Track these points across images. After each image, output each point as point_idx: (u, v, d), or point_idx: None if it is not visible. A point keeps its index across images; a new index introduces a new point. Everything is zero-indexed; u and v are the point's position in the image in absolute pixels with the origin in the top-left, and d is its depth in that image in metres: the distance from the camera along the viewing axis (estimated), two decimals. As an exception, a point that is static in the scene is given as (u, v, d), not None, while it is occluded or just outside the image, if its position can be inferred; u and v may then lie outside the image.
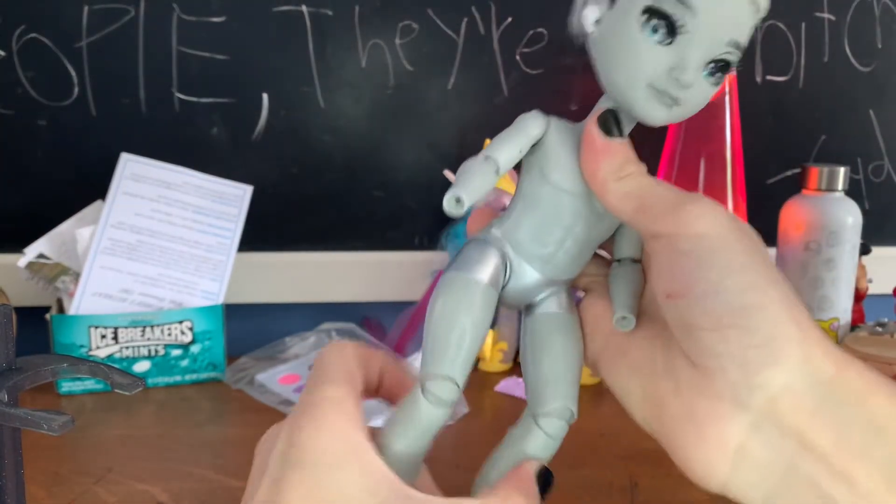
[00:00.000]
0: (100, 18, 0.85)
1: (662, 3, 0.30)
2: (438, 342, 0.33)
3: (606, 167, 0.33)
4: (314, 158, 0.91)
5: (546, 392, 0.35)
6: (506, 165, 0.35)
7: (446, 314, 0.33)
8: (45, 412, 0.35)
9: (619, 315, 0.35)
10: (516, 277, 0.35)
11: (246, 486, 0.32)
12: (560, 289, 0.37)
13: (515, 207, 0.36)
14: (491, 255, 0.35)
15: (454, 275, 0.34)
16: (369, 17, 0.88)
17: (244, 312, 0.91)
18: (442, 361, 0.32)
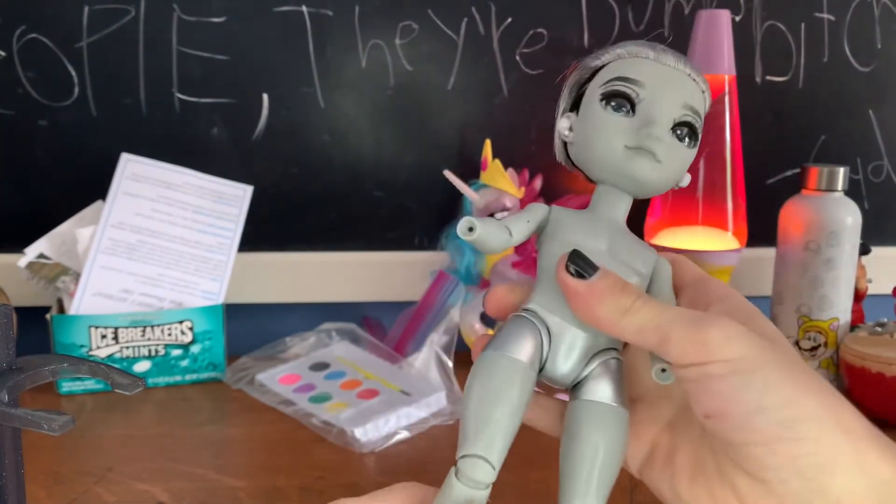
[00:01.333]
0: (100, 18, 0.85)
1: (614, 86, 0.35)
2: (475, 424, 0.33)
3: (604, 310, 0.32)
4: (314, 158, 0.91)
5: (570, 486, 0.34)
6: (517, 230, 0.36)
7: (484, 397, 0.33)
8: (46, 412, 0.36)
9: (659, 366, 0.33)
10: (560, 344, 0.35)
11: None
12: (607, 365, 0.35)
13: (540, 280, 0.36)
14: (529, 329, 0.35)
15: (492, 354, 0.34)
16: (369, 17, 0.88)
17: (244, 312, 0.91)
18: (476, 443, 0.32)
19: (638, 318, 0.32)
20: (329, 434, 0.70)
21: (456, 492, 0.32)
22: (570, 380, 0.35)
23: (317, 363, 0.82)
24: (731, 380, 0.30)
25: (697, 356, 0.31)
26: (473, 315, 0.85)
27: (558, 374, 0.35)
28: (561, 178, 0.91)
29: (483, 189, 0.84)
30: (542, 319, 0.35)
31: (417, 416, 0.73)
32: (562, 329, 0.35)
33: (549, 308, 0.35)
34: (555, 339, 0.35)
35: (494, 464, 0.32)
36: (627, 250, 0.36)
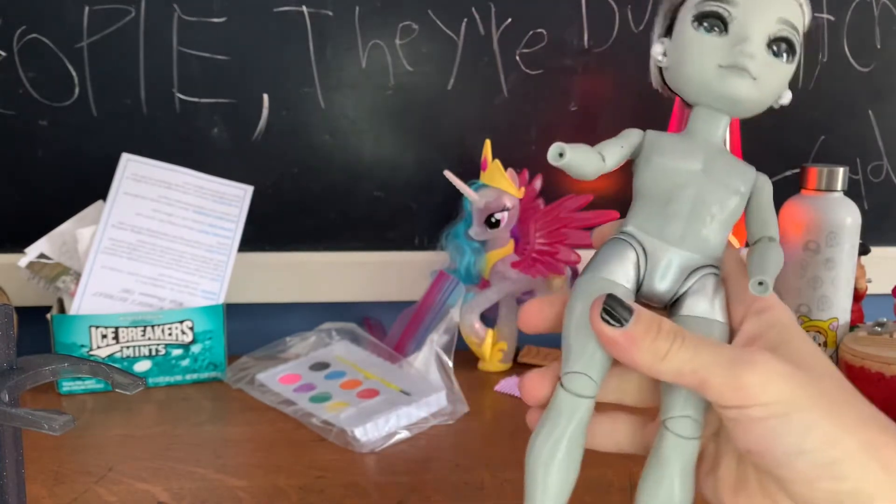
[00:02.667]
0: (100, 18, 0.85)
1: (706, 7, 0.35)
2: (576, 343, 0.35)
3: (641, 357, 0.33)
4: (314, 158, 0.91)
5: (673, 399, 0.35)
6: (610, 155, 0.36)
7: (584, 317, 0.34)
8: (46, 412, 0.36)
9: (756, 279, 0.33)
10: (657, 264, 0.36)
11: None
12: (706, 279, 0.36)
13: (636, 204, 0.37)
14: (625, 250, 0.36)
15: (589, 277, 0.36)
16: (369, 17, 0.88)
17: (244, 312, 0.91)
18: (578, 360, 0.34)
19: (675, 364, 0.32)
20: (329, 434, 0.70)
21: (562, 400, 0.35)
22: (668, 297, 0.36)
23: (317, 363, 0.82)
24: (769, 423, 0.31)
25: (736, 400, 0.31)
26: (473, 315, 0.85)
27: (656, 292, 0.36)
28: (561, 178, 0.91)
29: (483, 189, 0.84)
30: (638, 241, 0.36)
31: (417, 415, 0.73)
32: (658, 249, 0.36)
33: (645, 229, 0.36)
34: (651, 259, 0.36)
35: (596, 378, 0.35)
36: (724, 169, 0.36)
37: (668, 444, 0.35)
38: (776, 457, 0.31)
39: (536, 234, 0.84)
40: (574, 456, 0.35)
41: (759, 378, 0.31)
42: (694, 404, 0.35)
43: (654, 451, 0.36)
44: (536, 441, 0.35)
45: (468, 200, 0.84)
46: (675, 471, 0.35)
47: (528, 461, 0.35)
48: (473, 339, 0.85)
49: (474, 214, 0.84)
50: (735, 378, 0.31)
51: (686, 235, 0.36)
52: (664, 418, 0.35)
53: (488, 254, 0.85)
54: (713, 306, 0.36)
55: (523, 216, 0.85)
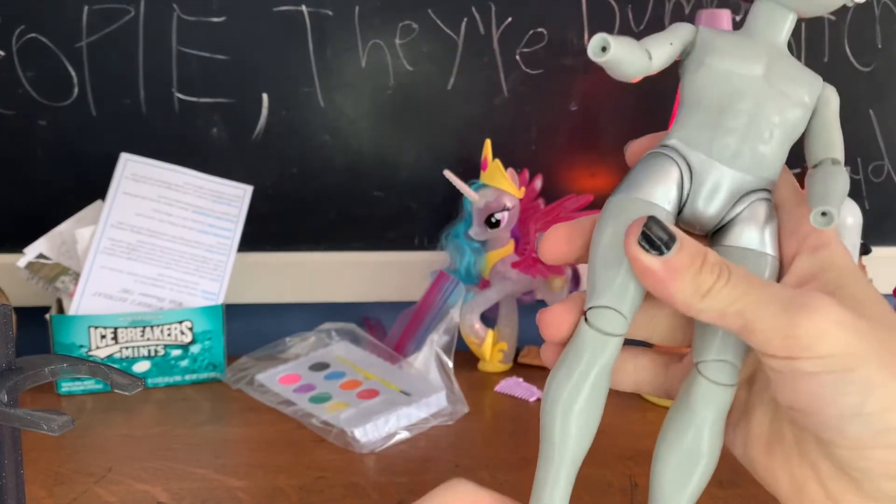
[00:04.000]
0: (100, 18, 0.85)
1: None
2: (604, 273, 0.30)
3: (680, 292, 0.28)
4: (314, 158, 0.91)
5: (708, 340, 0.31)
6: (657, 53, 0.31)
7: (615, 243, 0.30)
8: (45, 412, 0.35)
9: (819, 209, 0.29)
10: (702, 184, 0.31)
11: None
12: (758, 205, 0.31)
13: (682, 114, 0.32)
14: (667, 166, 0.31)
15: (623, 198, 0.31)
16: (369, 17, 0.88)
17: (244, 312, 0.91)
18: (605, 293, 0.30)
19: (718, 302, 0.28)
20: (329, 434, 0.70)
21: (586, 337, 0.30)
22: (714, 223, 0.32)
23: (317, 363, 0.82)
24: (824, 379, 0.27)
25: (786, 350, 0.27)
26: (473, 315, 0.85)
27: (700, 217, 0.31)
28: (561, 178, 0.91)
29: (483, 189, 0.84)
30: (682, 156, 0.31)
31: (417, 416, 0.73)
32: (706, 167, 0.31)
33: (692, 143, 0.31)
34: (697, 178, 0.31)
35: (626, 314, 0.30)
36: (788, 76, 0.31)
37: (700, 390, 0.31)
38: (826, 418, 0.27)
39: (536, 234, 0.84)
40: (597, 402, 0.31)
41: (816, 326, 0.26)
42: (733, 347, 0.31)
43: (683, 395, 0.32)
44: (554, 383, 0.31)
45: (468, 200, 0.84)
46: (706, 420, 0.31)
47: (545, 406, 0.31)
48: (473, 340, 0.85)
49: (474, 214, 0.84)
50: (788, 324, 0.27)
51: (740, 152, 0.31)
52: (697, 361, 0.31)
53: (488, 254, 0.85)
54: (764, 237, 0.31)
55: (523, 216, 0.85)
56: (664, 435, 0.32)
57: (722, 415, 0.31)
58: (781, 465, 0.31)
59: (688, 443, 0.31)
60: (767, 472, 0.31)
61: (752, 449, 0.32)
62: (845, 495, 0.29)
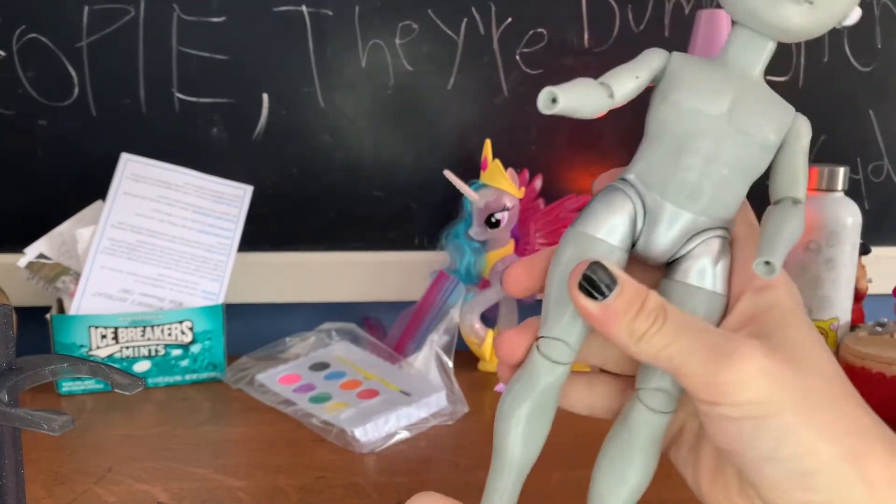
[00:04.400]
0: (100, 18, 0.85)
1: None
2: (555, 306, 0.32)
3: (616, 333, 0.30)
4: (314, 158, 0.91)
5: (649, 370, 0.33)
6: (620, 90, 0.31)
7: (565, 278, 0.31)
8: (46, 412, 0.36)
9: (762, 259, 0.29)
10: (656, 223, 0.31)
11: None
12: (711, 243, 0.32)
13: (643, 146, 0.32)
14: (621, 204, 0.31)
15: (577, 233, 0.32)
16: (369, 17, 0.88)
17: (244, 312, 0.91)
18: (556, 326, 0.32)
19: (650, 347, 0.30)
20: (329, 434, 0.70)
21: (536, 363, 0.32)
22: (666, 258, 0.32)
23: (317, 363, 0.82)
24: (742, 424, 0.28)
25: (709, 395, 0.29)
26: (473, 315, 0.85)
27: (652, 251, 0.32)
28: (561, 178, 0.91)
29: (483, 189, 0.84)
30: (638, 193, 0.31)
31: (417, 416, 0.73)
32: (660, 207, 0.31)
33: (648, 180, 0.31)
34: (651, 216, 0.31)
35: (573, 345, 0.32)
36: (755, 113, 0.30)
37: (638, 415, 0.33)
38: (747, 460, 0.29)
39: (536, 234, 0.84)
40: (544, 420, 0.33)
41: (736, 375, 0.28)
42: (671, 379, 0.32)
43: (622, 417, 0.34)
44: (506, 401, 0.33)
45: (468, 200, 0.84)
46: (639, 441, 0.33)
47: (498, 421, 0.33)
48: (473, 340, 0.85)
49: (474, 214, 0.84)
50: (711, 371, 0.28)
51: (696, 192, 0.31)
52: (638, 387, 0.33)
53: (488, 254, 0.85)
54: (714, 275, 0.32)
55: (523, 216, 0.85)
56: (602, 454, 0.34)
57: (656, 438, 0.33)
58: (723, 498, 0.32)
59: (621, 464, 0.33)
60: (712, 502, 0.33)
61: (699, 478, 0.34)
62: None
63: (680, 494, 0.62)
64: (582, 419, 0.37)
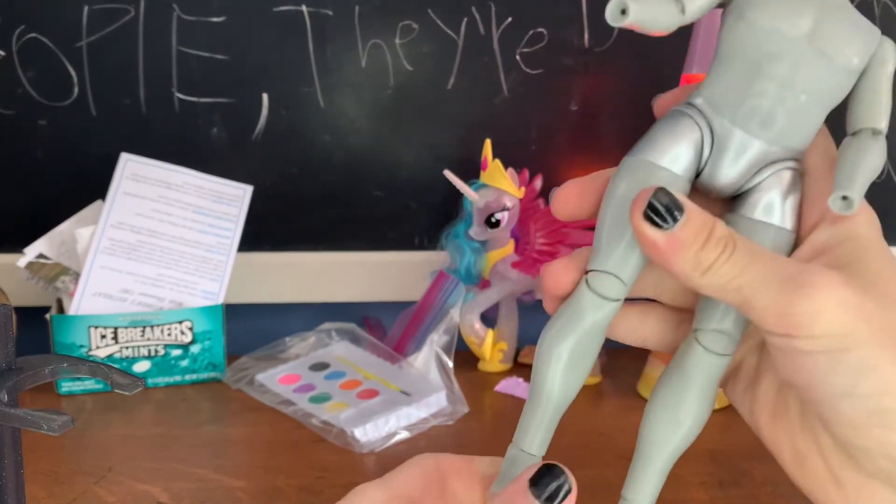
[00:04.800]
0: (100, 18, 0.85)
1: None
2: (608, 238, 0.30)
3: (681, 267, 0.28)
4: (314, 158, 0.91)
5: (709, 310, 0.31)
6: (692, 5, 0.28)
7: (623, 208, 0.29)
8: (45, 412, 0.35)
9: (839, 193, 0.28)
10: (724, 152, 0.29)
11: None
12: (782, 175, 0.30)
13: (713, 69, 0.30)
14: (688, 128, 0.29)
15: (638, 160, 0.29)
16: (369, 17, 0.88)
17: (244, 312, 0.91)
18: (608, 259, 0.30)
19: (718, 278, 0.27)
20: (329, 434, 0.70)
21: (584, 299, 0.30)
22: (732, 191, 0.30)
23: (317, 363, 0.82)
24: (818, 358, 0.26)
25: (782, 328, 0.27)
26: (473, 315, 0.85)
27: (717, 183, 0.30)
28: (561, 178, 0.91)
29: (483, 189, 0.84)
30: (705, 118, 0.29)
31: (417, 416, 0.73)
32: (729, 133, 0.29)
33: (718, 105, 0.29)
34: (718, 143, 0.29)
35: (626, 280, 0.30)
36: (837, 33, 0.28)
37: (695, 356, 0.31)
38: (820, 396, 0.27)
39: (536, 234, 0.84)
40: (587, 358, 0.31)
41: (813, 306, 0.26)
42: (734, 319, 0.30)
43: (677, 359, 0.32)
44: (548, 335, 0.31)
45: (468, 200, 0.84)
46: (695, 386, 0.31)
47: (538, 356, 0.31)
48: (473, 340, 0.85)
49: (474, 214, 0.84)
50: (785, 302, 0.26)
51: (768, 120, 0.29)
52: (696, 328, 0.31)
53: (488, 254, 0.85)
54: (783, 209, 0.30)
55: (523, 216, 0.85)
56: (655, 395, 0.32)
57: (713, 383, 0.31)
58: (785, 436, 0.31)
59: (675, 406, 0.31)
60: (771, 439, 0.31)
61: (758, 416, 0.32)
62: (844, 471, 0.29)
63: (680, 495, 0.63)
64: (583, 418, 0.37)
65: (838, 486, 0.29)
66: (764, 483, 0.64)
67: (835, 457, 0.29)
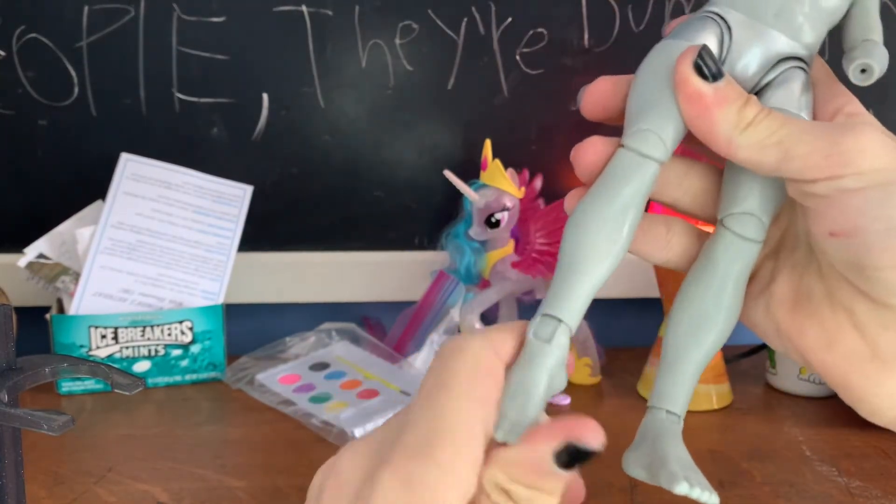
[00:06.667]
0: (100, 18, 0.85)
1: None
2: (643, 105, 0.30)
3: (724, 121, 0.28)
4: (314, 158, 0.91)
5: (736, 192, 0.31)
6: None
7: (658, 75, 0.30)
8: (45, 412, 0.36)
9: (859, 63, 0.30)
10: (741, 44, 0.30)
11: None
12: (795, 72, 0.31)
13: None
14: (707, 23, 0.30)
15: (667, 43, 0.30)
16: (369, 17, 0.88)
17: (244, 312, 0.91)
18: (648, 116, 0.30)
19: (758, 133, 0.28)
20: (329, 434, 0.70)
21: (623, 160, 0.30)
22: (749, 86, 0.31)
23: (317, 363, 0.82)
24: (868, 194, 0.27)
25: (828, 169, 0.27)
26: (473, 315, 0.85)
27: (737, 78, 0.31)
28: (561, 178, 0.91)
29: (483, 189, 0.84)
30: (722, 17, 0.31)
31: (417, 416, 0.73)
32: (745, 26, 0.30)
33: (734, 3, 0.30)
34: (736, 38, 0.30)
35: (666, 140, 0.29)
36: None
37: (724, 243, 0.30)
38: (870, 234, 0.27)
39: (536, 234, 0.84)
40: (630, 218, 0.29)
41: (858, 143, 0.27)
42: (761, 201, 0.30)
43: (706, 251, 0.31)
44: (586, 200, 0.30)
45: (468, 200, 0.84)
46: (729, 275, 0.30)
47: (572, 220, 0.30)
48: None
49: (474, 214, 0.84)
50: (830, 144, 0.27)
51: (781, 13, 0.30)
52: (723, 216, 0.31)
53: (488, 254, 0.85)
54: (799, 103, 0.30)
55: (523, 216, 0.85)
56: (683, 291, 0.31)
57: (745, 272, 0.31)
58: (810, 322, 0.30)
59: (708, 298, 0.30)
60: (793, 329, 0.31)
61: (777, 311, 0.31)
62: (883, 334, 0.28)
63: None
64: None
65: (874, 357, 0.29)
66: (764, 483, 0.64)
67: (873, 321, 0.29)
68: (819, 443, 0.70)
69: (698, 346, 0.30)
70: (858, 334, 0.29)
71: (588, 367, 0.81)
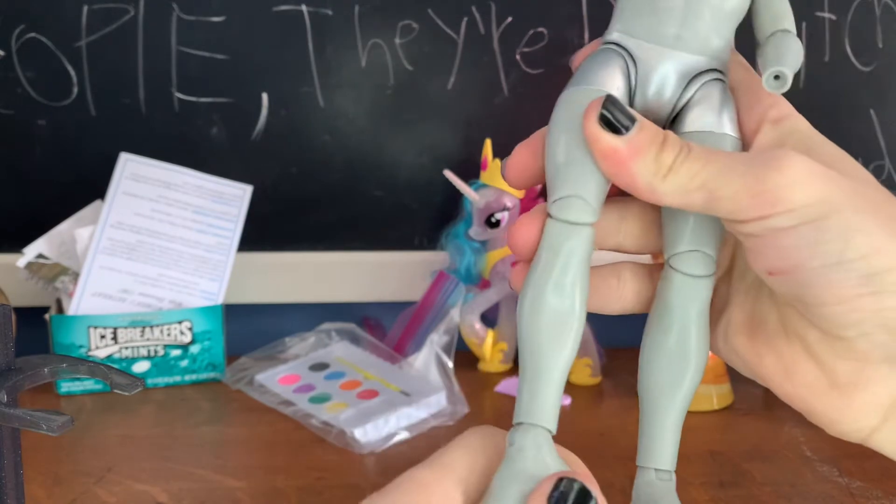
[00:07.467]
0: (99, 18, 0.85)
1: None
2: (561, 168, 0.28)
3: (643, 172, 0.27)
4: (314, 158, 0.91)
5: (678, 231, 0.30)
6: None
7: (572, 133, 0.28)
8: (45, 412, 0.35)
9: (772, 71, 0.28)
10: (648, 70, 0.29)
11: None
12: (711, 87, 0.30)
13: (618, 7, 0.30)
14: (610, 57, 0.29)
15: (572, 90, 0.29)
16: (369, 17, 0.88)
17: (244, 312, 0.91)
18: (566, 183, 0.28)
19: (680, 178, 0.26)
20: (329, 434, 0.70)
21: (553, 232, 0.28)
22: (667, 111, 0.30)
23: (316, 363, 0.82)
24: (801, 231, 0.26)
25: (757, 209, 0.26)
26: (473, 315, 0.85)
27: (650, 104, 0.30)
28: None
29: (483, 189, 0.84)
30: (625, 48, 0.29)
31: (417, 416, 0.73)
32: (648, 52, 0.29)
33: (633, 32, 0.29)
34: (641, 65, 0.29)
35: (591, 200, 0.28)
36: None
37: (676, 285, 0.30)
38: (809, 273, 0.26)
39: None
40: (579, 291, 0.28)
41: (786, 177, 0.25)
42: (705, 236, 0.29)
43: (659, 297, 0.30)
44: (529, 282, 0.28)
45: (468, 200, 0.84)
46: (688, 317, 0.29)
47: (522, 310, 0.28)
48: (473, 340, 0.85)
49: (474, 214, 0.84)
50: (755, 182, 0.25)
51: (682, 34, 0.29)
52: (668, 256, 0.30)
53: (488, 254, 0.85)
54: (721, 118, 0.29)
55: (523, 216, 0.85)
56: (646, 343, 0.30)
57: (704, 310, 0.30)
58: (767, 350, 0.29)
59: (671, 347, 0.29)
60: (752, 357, 0.30)
61: (735, 339, 0.30)
62: (838, 363, 0.28)
63: (680, 495, 0.62)
64: (583, 418, 0.37)
65: (832, 386, 0.28)
66: (764, 483, 0.64)
67: (826, 352, 0.28)
68: (820, 443, 0.70)
69: (673, 398, 0.30)
70: (815, 364, 0.28)
71: (588, 367, 0.81)
